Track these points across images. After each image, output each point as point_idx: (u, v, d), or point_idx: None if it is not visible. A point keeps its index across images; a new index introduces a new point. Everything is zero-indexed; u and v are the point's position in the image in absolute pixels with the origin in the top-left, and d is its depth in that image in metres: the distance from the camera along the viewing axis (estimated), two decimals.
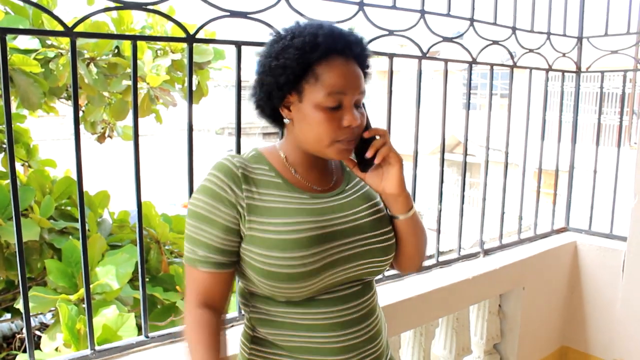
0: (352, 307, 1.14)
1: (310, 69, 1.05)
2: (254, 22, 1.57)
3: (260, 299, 1.14)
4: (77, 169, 1.38)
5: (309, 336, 1.11)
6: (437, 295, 2.10)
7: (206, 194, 1.07)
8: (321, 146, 1.08)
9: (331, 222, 1.11)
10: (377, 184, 1.15)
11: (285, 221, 1.07)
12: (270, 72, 1.07)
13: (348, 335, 1.12)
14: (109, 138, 4.00)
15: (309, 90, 1.06)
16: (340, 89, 1.05)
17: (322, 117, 1.05)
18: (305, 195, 1.13)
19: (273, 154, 1.17)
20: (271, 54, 1.07)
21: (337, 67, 1.05)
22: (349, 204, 1.17)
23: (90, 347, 1.49)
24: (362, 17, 1.78)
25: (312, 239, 1.07)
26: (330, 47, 1.05)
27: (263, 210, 1.09)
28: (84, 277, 1.47)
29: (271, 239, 1.06)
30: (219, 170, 1.09)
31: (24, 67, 2.30)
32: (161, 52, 2.88)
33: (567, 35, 2.83)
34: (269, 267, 1.05)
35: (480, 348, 2.54)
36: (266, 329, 1.14)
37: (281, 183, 1.12)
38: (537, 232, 2.87)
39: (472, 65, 2.33)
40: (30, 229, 2.47)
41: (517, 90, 2.58)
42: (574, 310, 2.93)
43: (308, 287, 1.07)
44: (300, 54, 1.04)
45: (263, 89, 1.10)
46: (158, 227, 2.85)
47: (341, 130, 1.07)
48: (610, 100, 12.02)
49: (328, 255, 1.08)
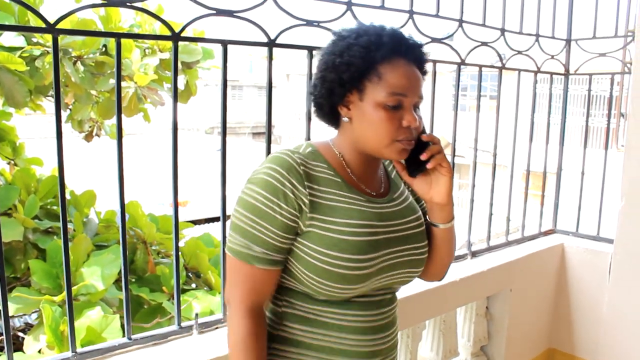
0: (383, 312, 1.16)
1: (374, 68, 1.06)
2: (242, 21, 1.55)
3: (297, 295, 1.12)
4: (58, 168, 1.35)
5: (341, 337, 1.12)
6: (424, 297, 2.09)
7: (266, 188, 1.05)
8: (380, 145, 1.08)
9: (387, 229, 1.13)
10: (425, 191, 1.16)
11: (347, 222, 1.07)
12: (333, 69, 1.07)
13: (377, 340, 1.14)
14: (97, 136, 3.97)
15: (371, 89, 1.06)
16: (402, 90, 1.06)
17: (383, 115, 1.06)
18: (363, 197, 1.13)
19: (329, 152, 1.16)
20: (335, 52, 1.08)
21: (400, 68, 1.07)
22: (400, 212, 1.18)
23: (71, 349, 1.47)
24: (350, 17, 1.77)
25: (371, 244, 1.08)
26: (394, 48, 1.07)
27: (326, 208, 1.08)
28: (66, 278, 1.45)
29: (332, 237, 1.06)
30: (279, 165, 1.06)
31: (8, 65, 2.27)
32: (149, 51, 2.86)
33: (556, 37, 2.85)
34: (324, 265, 1.05)
35: (467, 350, 2.54)
36: (298, 325, 1.13)
37: (340, 182, 1.12)
38: (524, 234, 2.88)
39: (460, 66, 2.32)
40: (14, 228, 2.43)
41: (506, 92, 2.58)
42: (561, 312, 2.94)
43: (354, 290, 1.08)
44: (365, 52, 1.05)
45: (325, 86, 1.10)
46: (145, 227, 2.83)
47: (400, 130, 1.07)
48: (598, 103, 12.12)
49: (381, 261, 1.10)
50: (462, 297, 2.35)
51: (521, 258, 2.61)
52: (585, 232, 2.98)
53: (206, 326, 1.68)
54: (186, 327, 1.65)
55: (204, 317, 1.73)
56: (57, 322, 2.17)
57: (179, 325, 1.64)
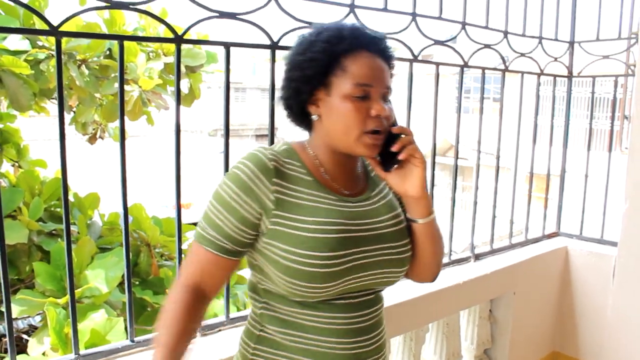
0: (364, 315, 1.14)
1: (337, 61, 1.07)
2: (245, 24, 1.56)
3: (275, 297, 1.12)
4: (62, 171, 1.36)
5: (319, 340, 1.10)
6: (428, 300, 2.09)
7: (234, 181, 1.07)
8: (350, 139, 1.07)
9: (358, 227, 1.11)
10: (399, 185, 1.14)
11: (315, 219, 1.07)
12: (298, 67, 1.08)
13: (358, 344, 1.12)
14: (100, 139, 3.98)
15: (336, 83, 1.07)
16: (367, 80, 1.06)
17: (350, 107, 1.05)
18: (334, 196, 1.12)
19: (304, 151, 1.16)
20: (298, 52, 1.09)
21: (363, 59, 1.07)
22: (374, 211, 1.16)
23: (74, 351, 1.47)
24: (353, 19, 1.78)
25: (340, 241, 1.06)
26: (355, 40, 1.07)
27: (293, 206, 1.08)
28: (69, 281, 1.45)
29: (299, 235, 1.05)
30: (250, 160, 1.07)
31: (13, 68, 2.28)
32: (154, 55, 2.87)
33: (559, 39, 2.84)
34: (292, 264, 1.04)
35: (470, 353, 2.53)
36: (276, 327, 1.12)
37: (312, 181, 1.11)
38: (528, 237, 2.87)
39: (463, 68, 2.32)
40: (18, 231, 2.44)
41: (510, 94, 2.57)
42: (564, 315, 2.93)
43: (326, 290, 1.06)
44: (327, 46, 1.06)
45: (291, 85, 1.10)
46: (148, 229, 2.83)
47: (370, 120, 1.06)
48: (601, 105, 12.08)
49: (351, 259, 1.08)
50: (465, 300, 2.34)
51: (525, 261, 2.60)
52: (589, 235, 2.96)
53: (209, 328, 1.69)
54: None
55: (207, 319, 1.73)
56: (62, 324, 2.17)
57: None
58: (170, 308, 1.08)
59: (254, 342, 1.15)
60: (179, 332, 1.06)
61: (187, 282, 1.10)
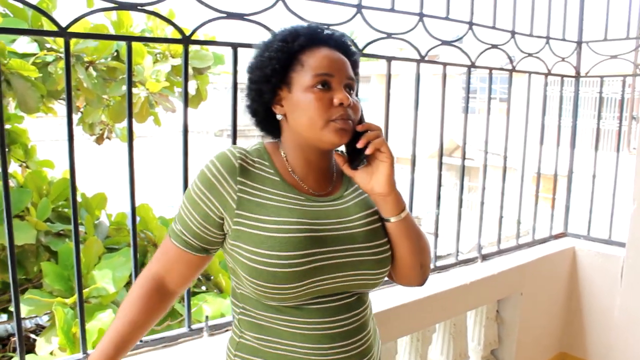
0: (342, 319, 1.09)
1: (295, 58, 1.07)
2: (252, 25, 1.56)
3: (251, 301, 1.11)
4: (70, 172, 1.37)
5: (294, 346, 1.07)
6: (434, 300, 2.08)
7: (200, 179, 1.08)
8: (315, 129, 1.05)
9: (323, 227, 1.08)
10: (366, 183, 1.10)
11: (276, 219, 1.05)
12: (257, 68, 1.09)
13: (335, 349, 1.08)
14: (107, 139, 4.00)
15: (296, 78, 1.07)
16: (326, 69, 1.06)
17: (312, 97, 1.05)
18: (301, 196, 1.10)
19: (276, 151, 1.15)
20: (257, 54, 1.11)
21: (321, 52, 1.08)
22: (345, 210, 1.13)
23: (82, 350, 1.48)
24: (360, 19, 1.78)
25: (301, 240, 1.04)
26: (312, 36, 1.09)
27: (254, 205, 1.07)
28: (77, 281, 1.46)
29: (260, 235, 1.04)
30: (218, 159, 1.09)
31: (21, 71, 2.30)
32: (161, 56, 2.88)
33: (567, 39, 2.83)
34: (255, 264, 1.03)
35: (477, 354, 2.52)
36: (253, 333, 1.11)
37: (278, 181, 1.10)
38: (535, 237, 2.86)
39: (470, 69, 2.32)
40: (27, 231, 2.46)
41: (517, 95, 2.57)
42: (572, 316, 2.91)
43: (293, 291, 1.03)
44: (283, 45, 1.07)
45: (253, 87, 1.11)
46: (155, 230, 2.84)
47: (333, 110, 1.05)
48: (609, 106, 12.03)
49: (317, 259, 1.04)
50: (472, 301, 2.34)
51: (532, 261, 2.59)
52: (596, 235, 2.95)
53: (216, 328, 1.69)
54: (196, 329, 1.65)
55: (215, 319, 1.73)
56: (69, 324, 2.18)
57: (190, 328, 1.64)
58: (127, 296, 1.13)
59: (235, 349, 1.14)
60: (128, 320, 1.11)
61: (148, 273, 1.14)
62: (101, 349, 1.10)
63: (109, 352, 1.10)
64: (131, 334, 1.12)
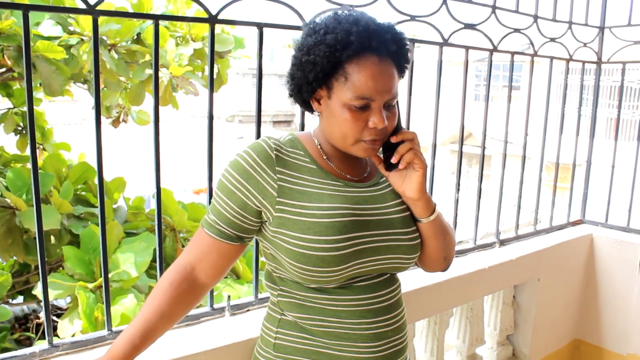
0: (382, 295, 1.15)
1: (341, 67, 1.04)
2: (276, 6, 1.56)
3: (290, 284, 1.14)
4: (97, 156, 1.37)
5: (338, 322, 1.12)
6: (452, 284, 2.09)
7: (235, 168, 1.10)
8: (345, 144, 1.09)
9: (364, 212, 1.12)
10: (398, 185, 1.16)
11: (320, 205, 1.08)
12: (300, 67, 1.08)
13: (378, 323, 1.13)
14: (124, 122, 4.02)
15: (338, 88, 1.05)
16: (369, 93, 1.03)
17: (348, 116, 1.05)
18: (340, 182, 1.14)
19: (308, 140, 1.18)
20: (303, 48, 1.07)
21: (368, 68, 1.03)
22: (382, 197, 1.17)
23: (107, 327, 1.50)
24: (384, 1, 1.76)
25: (346, 224, 1.08)
26: (363, 45, 1.02)
27: (296, 193, 1.09)
28: (102, 263, 1.47)
29: (305, 221, 1.07)
30: (253, 149, 1.10)
31: (48, 53, 2.31)
32: (181, 40, 2.88)
33: (589, 24, 2.79)
34: (301, 250, 1.06)
35: (493, 339, 2.54)
36: (295, 313, 1.15)
37: (315, 169, 1.13)
38: (552, 224, 2.85)
39: (492, 53, 2.30)
40: (52, 216, 2.48)
41: (534, 82, 2.54)
42: (588, 303, 2.91)
43: (337, 273, 1.07)
44: (330, 52, 1.02)
45: (294, 82, 1.11)
46: (175, 214, 2.86)
47: (366, 131, 1.07)
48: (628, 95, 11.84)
49: (360, 242, 1.09)
50: (489, 286, 2.34)
51: (549, 247, 2.59)
52: (614, 223, 2.93)
53: (238, 308, 1.71)
54: (218, 308, 1.67)
55: (235, 300, 1.75)
56: (92, 308, 2.22)
57: (212, 307, 1.66)
58: (161, 280, 1.14)
59: (277, 326, 1.17)
60: (155, 308, 1.11)
61: (179, 263, 1.15)
62: (127, 335, 1.10)
63: (134, 339, 1.10)
64: (158, 322, 1.11)
